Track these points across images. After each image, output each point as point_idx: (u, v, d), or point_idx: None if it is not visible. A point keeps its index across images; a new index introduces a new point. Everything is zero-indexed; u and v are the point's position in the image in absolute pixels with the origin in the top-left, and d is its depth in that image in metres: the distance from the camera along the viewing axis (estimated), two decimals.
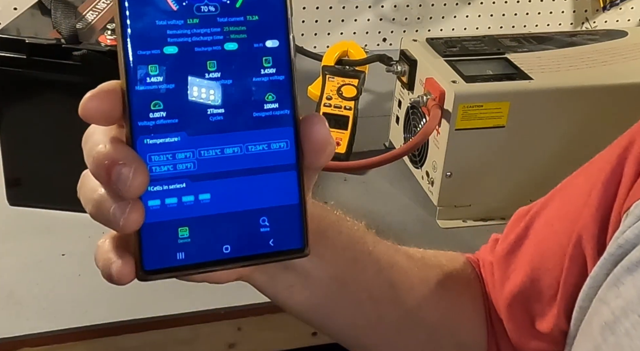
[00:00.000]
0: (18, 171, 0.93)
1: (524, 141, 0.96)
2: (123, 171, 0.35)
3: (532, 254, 0.58)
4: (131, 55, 0.36)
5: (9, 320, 0.78)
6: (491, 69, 0.98)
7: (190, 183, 0.37)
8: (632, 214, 0.48)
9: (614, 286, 0.47)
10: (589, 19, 1.57)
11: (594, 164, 0.56)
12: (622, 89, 0.97)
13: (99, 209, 0.37)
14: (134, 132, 0.36)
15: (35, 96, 0.88)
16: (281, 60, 0.38)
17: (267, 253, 0.39)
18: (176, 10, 0.36)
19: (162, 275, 0.38)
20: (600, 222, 0.52)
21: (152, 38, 0.36)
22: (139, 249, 0.37)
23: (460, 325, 0.61)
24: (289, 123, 0.38)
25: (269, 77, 0.38)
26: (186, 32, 0.36)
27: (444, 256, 0.63)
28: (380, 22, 1.47)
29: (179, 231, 0.37)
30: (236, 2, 0.37)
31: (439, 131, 0.95)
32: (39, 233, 0.91)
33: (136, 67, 0.36)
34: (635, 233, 0.47)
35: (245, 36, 0.37)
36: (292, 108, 0.38)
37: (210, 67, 0.37)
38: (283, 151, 0.38)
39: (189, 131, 0.37)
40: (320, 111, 1.10)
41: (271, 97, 0.38)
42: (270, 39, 0.38)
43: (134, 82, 0.36)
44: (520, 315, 0.59)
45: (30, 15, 0.94)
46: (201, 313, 0.81)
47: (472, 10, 1.50)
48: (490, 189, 0.99)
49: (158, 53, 0.36)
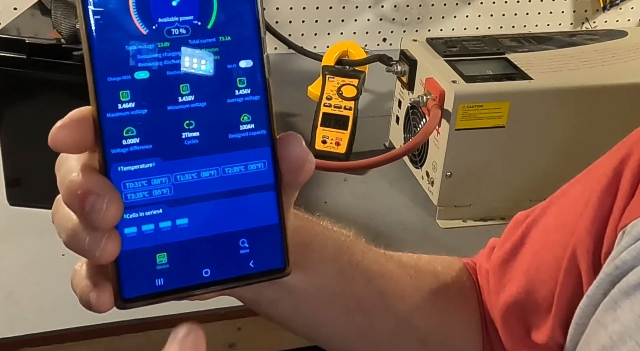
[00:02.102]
0: (18, 171, 0.93)
1: (524, 141, 0.96)
2: (96, 202, 0.34)
3: (528, 265, 0.58)
4: (101, 82, 0.35)
5: (9, 320, 0.78)
6: (491, 69, 0.98)
7: (167, 209, 0.36)
8: (629, 235, 0.48)
9: (611, 309, 0.47)
10: (589, 19, 1.57)
11: (592, 173, 0.56)
12: (622, 89, 0.97)
13: (73, 239, 0.36)
14: (107, 160, 0.35)
15: (35, 96, 0.88)
16: (256, 80, 0.37)
17: (248, 274, 0.38)
18: (146, 34, 0.35)
19: (142, 302, 0.37)
20: (595, 236, 0.51)
21: (122, 63, 0.35)
22: (117, 277, 0.36)
23: (454, 333, 0.61)
24: (266, 143, 0.38)
25: (243, 98, 0.37)
26: (157, 56, 0.35)
27: (440, 262, 0.62)
28: (380, 22, 1.47)
29: (157, 257, 0.36)
30: (207, 24, 0.36)
31: (439, 131, 0.95)
32: (39, 233, 0.91)
33: (107, 94, 0.35)
34: (633, 254, 0.46)
35: (218, 57, 0.36)
36: (269, 128, 0.38)
37: (183, 90, 0.36)
38: (261, 171, 0.38)
39: (164, 156, 0.36)
40: (320, 111, 1.10)
41: (247, 118, 0.37)
42: (244, 59, 0.37)
43: (105, 110, 0.35)
44: (515, 325, 0.58)
45: (30, 15, 0.94)
46: (201, 313, 0.81)
47: (472, 10, 1.50)
48: (490, 189, 0.99)
49: (129, 79, 0.35)
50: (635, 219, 0.48)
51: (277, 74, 1.35)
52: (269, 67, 0.38)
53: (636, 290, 0.45)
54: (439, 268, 0.61)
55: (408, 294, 0.57)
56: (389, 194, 1.03)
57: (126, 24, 0.35)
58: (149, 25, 0.35)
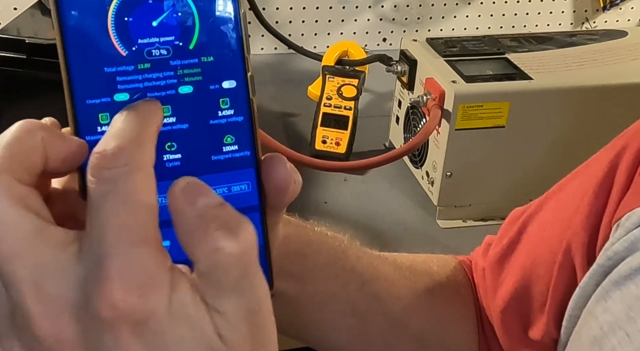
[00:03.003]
0: None
1: (524, 141, 0.96)
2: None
3: (524, 260, 0.58)
4: (80, 104, 0.34)
5: None
6: (491, 69, 0.98)
7: None
8: (623, 226, 0.48)
9: (602, 300, 0.47)
10: (589, 19, 1.57)
11: (589, 167, 0.56)
12: (622, 89, 0.97)
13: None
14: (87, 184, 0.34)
15: (35, 96, 0.89)
16: (239, 100, 0.36)
17: None
18: (125, 55, 0.34)
19: None
20: (590, 230, 0.51)
21: (101, 86, 0.34)
22: None
23: (450, 332, 0.61)
24: (250, 164, 0.37)
25: (227, 119, 0.36)
26: (137, 78, 0.34)
27: (435, 262, 0.62)
28: (380, 22, 1.47)
29: None
30: (189, 44, 0.35)
31: (439, 131, 0.95)
32: None
33: (86, 116, 0.34)
34: (625, 245, 0.46)
35: (201, 78, 0.35)
36: (253, 149, 0.37)
37: (165, 112, 0.35)
38: (245, 193, 0.37)
39: None
40: (320, 111, 1.10)
41: (230, 139, 0.36)
42: (227, 80, 0.36)
43: (84, 132, 0.34)
44: (512, 322, 0.58)
45: (30, 15, 0.94)
46: None
47: (472, 10, 1.50)
48: (490, 189, 0.99)
49: (108, 101, 0.34)
50: (629, 211, 0.48)
51: (277, 74, 1.36)
52: (254, 88, 0.37)
53: (627, 281, 0.45)
54: (434, 268, 0.61)
55: (403, 295, 0.57)
56: (389, 194, 1.03)
57: (105, 46, 0.34)
58: (128, 46, 0.34)
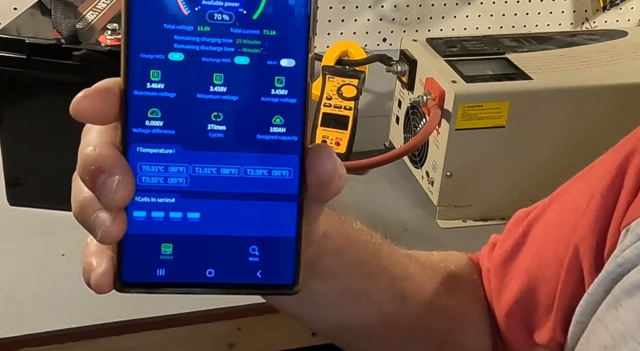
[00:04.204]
0: (18, 171, 0.93)
1: (524, 141, 0.96)
2: (107, 181, 0.33)
3: (529, 263, 0.57)
4: (134, 57, 0.34)
5: (9, 320, 0.78)
6: (491, 69, 0.98)
7: (180, 199, 0.35)
8: (633, 233, 0.47)
9: (613, 308, 0.47)
10: (589, 19, 1.57)
11: (595, 170, 0.55)
12: (622, 89, 0.97)
13: (81, 213, 0.35)
14: (127, 138, 0.34)
15: (35, 96, 0.88)
16: (295, 81, 0.35)
17: (253, 284, 0.36)
18: (187, 14, 0.34)
19: (140, 290, 0.36)
20: (598, 234, 0.51)
21: (157, 41, 0.34)
22: (119, 259, 0.35)
23: (467, 332, 0.60)
24: (296, 151, 0.35)
25: (279, 99, 0.35)
26: (195, 40, 0.34)
27: (452, 261, 0.62)
28: (380, 22, 1.47)
29: (162, 247, 0.35)
30: (253, 13, 0.34)
31: (439, 131, 0.95)
32: (39, 233, 0.91)
33: (137, 70, 0.34)
34: (636, 252, 0.46)
35: (259, 51, 0.34)
36: (301, 135, 0.35)
37: (217, 80, 0.34)
38: (285, 179, 0.35)
39: (185, 145, 0.35)
40: (320, 110, 1.10)
41: (279, 120, 0.35)
42: (286, 58, 0.35)
43: (133, 86, 0.34)
44: (518, 325, 0.58)
45: (30, 15, 0.94)
46: (201, 313, 0.81)
47: (472, 10, 1.50)
48: (490, 189, 0.99)
49: (162, 58, 0.34)
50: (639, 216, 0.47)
51: None
52: (312, 70, 0.35)
53: (638, 290, 0.45)
54: (453, 267, 0.60)
55: (427, 295, 0.57)
56: (389, 194, 1.03)
57: (169, 1, 0.34)
58: (191, 5, 0.34)
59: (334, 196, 0.36)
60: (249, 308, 0.82)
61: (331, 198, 0.37)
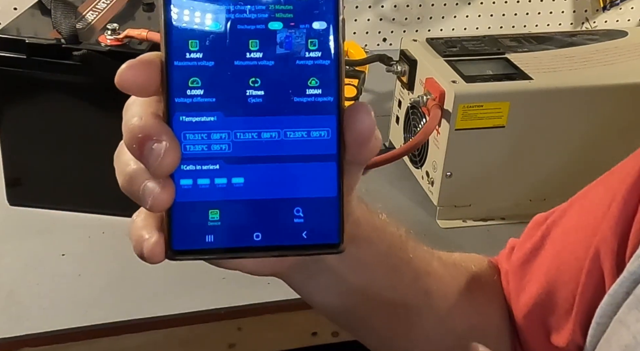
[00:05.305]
0: (18, 171, 0.93)
1: (524, 141, 0.96)
2: (155, 147, 0.35)
3: (548, 266, 0.57)
4: (172, 27, 0.35)
5: (9, 320, 0.78)
6: (491, 69, 0.98)
7: (224, 165, 0.36)
8: None
9: (634, 309, 0.46)
10: (589, 19, 1.57)
11: (615, 174, 0.55)
12: (622, 89, 0.97)
13: (130, 184, 0.37)
14: (170, 108, 0.35)
15: (35, 96, 0.88)
16: (328, 44, 0.36)
17: (299, 245, 0.37)
18: None
19: (190, 256, 0.37)
20: (619, 237, 0.50)
21: (193, 12, 0.35)
22: (169, 228, 0.36)
23: (488, 332, 0.60)
24: (332, 111, 0.37)
25: (313, 61, 0.36)
26: (230, 9, 0.35)
27: (472, 261, 0.61)
28: (380, 22, 1.47)
29: (210, 214, 0.36)
30: None
31: (439, 131, 0.95)
32: (39, 233, 0.91)
33: (177, 41, 0.35)
34: None
35: (292, 16, 0.35)
36: (337, 95, 0.37)
37: (252, 46, 0.35)
38: (324, 140, 0.37)
39: (226, 111, 0.36)
40: None
41: (314, 82, 0.36)
42: (318, 21, 0.36)
43: (174, 57, 0.35)
44: (536, 327, 0.58)
45: (30, 15, 0.94)
46: (201, 313, 0.81)
47: (472, 10, 1.50)
48: (490, 189, 0.99)
49: (199, 28, 0.35)
50: None
51: None
52: (344, 33, 0.36)
53: None
54: (473, 268, 0.60)
55: (450, 293, 0.56)
56: (389, 194, 1.03)
57: None
58: None
59: (371, 156, 0.38)
60: (249, 308, 0.82)
61: (368, 159, 0.38)
